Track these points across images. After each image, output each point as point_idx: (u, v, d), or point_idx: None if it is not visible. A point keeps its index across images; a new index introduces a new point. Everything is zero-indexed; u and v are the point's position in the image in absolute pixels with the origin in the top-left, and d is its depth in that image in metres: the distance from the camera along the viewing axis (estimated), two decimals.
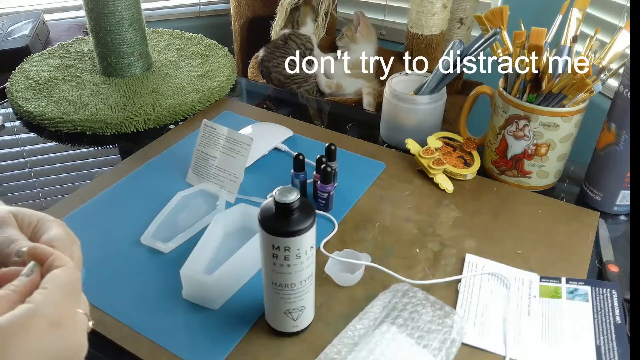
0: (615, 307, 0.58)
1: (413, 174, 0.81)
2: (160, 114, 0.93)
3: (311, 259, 0.52)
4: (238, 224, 0.69)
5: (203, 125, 0.77)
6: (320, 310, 0.59)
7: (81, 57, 1.11)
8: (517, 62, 0.71)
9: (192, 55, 1.13)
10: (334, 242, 0.68)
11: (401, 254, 0.67)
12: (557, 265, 0.65)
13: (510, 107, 0.73)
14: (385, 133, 0.90)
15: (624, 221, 0.74)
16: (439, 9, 1.34)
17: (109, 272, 0.64)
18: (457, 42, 0.80)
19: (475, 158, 0.82)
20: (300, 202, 0.49)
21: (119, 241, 0.68)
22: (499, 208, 0.75)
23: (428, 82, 0.84)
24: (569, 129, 0.73)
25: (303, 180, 0.74)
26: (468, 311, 0.59)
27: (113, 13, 0.97)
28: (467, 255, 0.67)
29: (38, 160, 0.86)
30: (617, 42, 0.69)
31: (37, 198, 0.78)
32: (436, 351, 0.53)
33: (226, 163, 0.75)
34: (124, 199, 0.75)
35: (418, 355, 0.52)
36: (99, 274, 0.63)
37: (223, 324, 0.58)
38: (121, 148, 0.89)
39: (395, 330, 0.54)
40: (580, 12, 0.73)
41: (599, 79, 0.68)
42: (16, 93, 0.98)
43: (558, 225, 0.72)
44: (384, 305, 0.58)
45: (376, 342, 0.53)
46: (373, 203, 0.75)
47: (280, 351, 0.55)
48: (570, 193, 0.79)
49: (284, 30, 1.48)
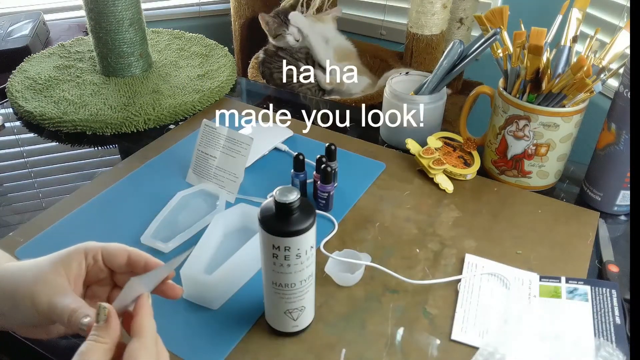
0: (615, 307, 0.58)
1: (413, 174, 0.81)
2: (160, 114, 0.93)
3: (311, 259, 0.52)
4: (238, 224, 0.69)
5: (203, 125, 0.77)
6: (320, 310, 0.59)
7: (81, 57, 1.11)
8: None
9: (192, 55, 1.13)
10: (334, 242, 0.68)
11: (401, 254, 0.67)
12: (557, 265, 0.65)
13: (510, 107, 0.74)
14: (385, 133, 0.90)
15: (624, 221, 0.74)
16: (439, 9, 1.34)
17: None
18: (457, 42, 0.80)
19: (475, 158, 0.82)
20: (301, 202, 0.49)
21: (119, 241, 0.68)
22: (499, 208, 0.75)
23: (428, 82, 0.84)
24: (569, 129, 0.73)
25: (303, 180, 0.74)
26: (468, 311, 0.59)
27: (113, 13, 0.97)
28: (467, 255, 0.67)
29: (38, 160, 0.86)
30: (617, 42, 0.69)
31: (37, 198, 0.78)
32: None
33: (226, 163, 0.75)
34: (124, 199, 0.75)
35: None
36: None
37: (223, 324, 0.58)
38: (121, 148, 0.89)
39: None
40: (580, 12, 0.73)
41: (599, 79, 0.68)
42: (16, 93, 0.98)
43: (558, 225, 0.72)
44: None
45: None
46: (373, 203, 0.75)
47: (280, 351, 0.55)
48: (570, 193, 0.79)
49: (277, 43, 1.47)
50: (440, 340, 0.57)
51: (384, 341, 0.56)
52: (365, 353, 0.55)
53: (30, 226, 0.70)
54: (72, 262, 0.46)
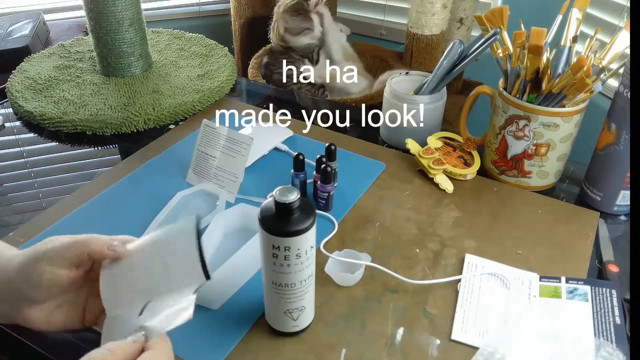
0: (615, 307, 0.58)
1: (413, 174, 0.81)
2: (160, 114, 0.93)
3: (311, 259, 0.52)
4: (238, 224, 0.69)
5: (203, 125, 0.77)
6: (321, 310, 0.59)
7: (81, 57, 1.11)
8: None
9: (192, 55, 1.13)
10: (334, 242, 0.68)
11: (401, 254, 0.67)
12: (557, 265, 0.65)
13: (510, 107, 0.74)
14: (385, 133, 0.90)
15: (624, 221, 0.74)
16: (439, 9, 1.34)
17: None
18: (457, 42, 0.80)
19: (475, 158, 0.82)
20: (301, 202, 0.49)
21: None
22: (499, 208, 0.75)
23: (428, 82, 0.84)
24: (569, 129, 0.73)
25: (303, 180, 0.74)
26: (468, 311, 0.59)
27: (113, 13, 0.97)
28: (467, 255, 0.67)
29: (38, 160, 0.86)
30: (617, 42, 0.69)
31: (37, 198, 0.78)
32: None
33: (226, 163, 0.75)
34: (124, 199, 0.75)
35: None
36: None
37: (223, 324, 0.58)
38: (121, 148, 0.89)
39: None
40: (580, 12, 0.73)
41: (599, 79, 0.68)
42: (16, 93, 0.98)
43: (558, 225, 0.72)
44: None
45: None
46: (373, 203, 0.75)
47: (280, 351, 0.55)
48: (570, 193, 0.79)
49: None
50: (440, 340, 0.57)
51: (384, 341, 0.56)
52: (365, 353, 0.55)
53: (30, 226, 0.70)
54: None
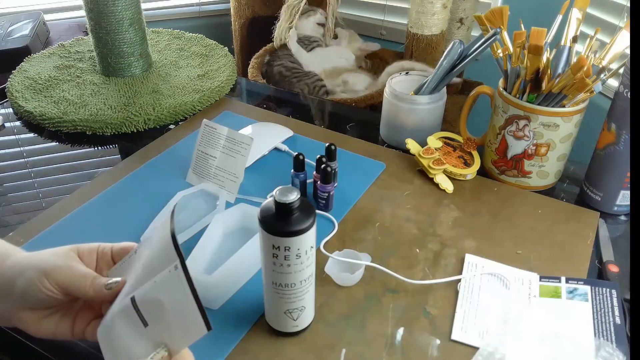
0: (615, 307, 0.58)
1: (413, 174, 0.81)
2: (160, 114, 0.93)
3: (311, 259, 0.52)
4: (238, 224, 0.69)
5: (203, 125, 0.77)
6: (321, 310, 0.59)
7: (81, 57, 1.11)
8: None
9: (192, 55, 1.13)
10: (334, 242, 0.68)
11: (401, 254, 0.67)
12: (557, 265, 0.65)
13: (510, 107, 0.74)
14: (385, 133, 0.90)
15: (624, 221, 0.74)
16: (439, 9, 1.34)
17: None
18: (457, 42, 0.80)
19: (475, 158, 0.82)
20: (300, 202, 0.49)
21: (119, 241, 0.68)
22: (499, 208, 0.75)
23: (428, 82, 0.84)
24: (569, 129, 0.73)
25: (303, 180, 0.74)
26: (468, 311, 0.59)
27: (113, 13, 0.97)
28: (467, 255, 0.67)
29: (38, 160, 0.86)
30: (617, 42, 0.69)
31: (37, 198, 0.78)
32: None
33: (226, 163, 0.75)
34: (124, 199, 0.75)
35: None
36: None
37: (223, 324, 0.58)
38: (121, 148, 0.89)
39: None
40: (580, 12, 0.73)
41: (599, 79, 0.68)
42: (16, 93, 0.98)
43: (558, 225, 0.72)
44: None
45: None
46: (373, 203, 0.75)
47: (280, 351, 0.55)
48: (570, 193, 0.79)
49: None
50: (440, 340, 0.57)
51: (384, 341, 0.56)
52: (365, 353, 0.55)
53: (30, 226, 0.70)
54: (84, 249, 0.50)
